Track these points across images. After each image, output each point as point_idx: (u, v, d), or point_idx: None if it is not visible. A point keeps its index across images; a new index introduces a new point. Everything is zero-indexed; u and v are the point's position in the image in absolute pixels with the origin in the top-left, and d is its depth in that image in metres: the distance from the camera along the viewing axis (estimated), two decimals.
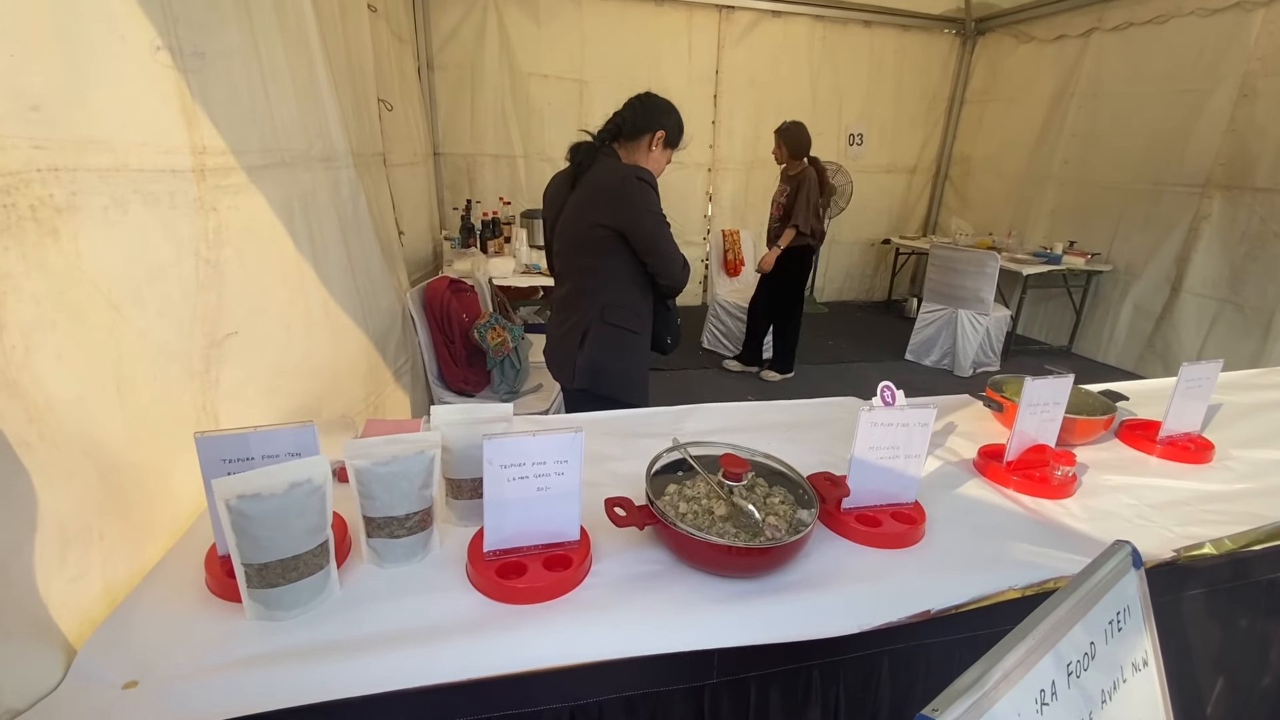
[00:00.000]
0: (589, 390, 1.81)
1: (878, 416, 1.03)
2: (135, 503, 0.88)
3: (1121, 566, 0.64)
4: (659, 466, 1.09)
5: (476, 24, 5.09)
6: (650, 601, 0.89)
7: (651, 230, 1.69)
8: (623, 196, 1.65)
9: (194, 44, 0.97)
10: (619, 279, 1.76)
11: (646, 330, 1.88)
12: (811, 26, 5.68)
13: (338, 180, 1.56)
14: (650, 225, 1.69)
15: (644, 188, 1.66)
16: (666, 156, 1.81)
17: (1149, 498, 1.29)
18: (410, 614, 0.84)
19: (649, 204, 1.67)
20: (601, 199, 1.67)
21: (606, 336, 1.79)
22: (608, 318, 1.78)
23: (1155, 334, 4.46)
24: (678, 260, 1.78)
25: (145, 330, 0.93)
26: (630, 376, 1.86)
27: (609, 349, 1.80)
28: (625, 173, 1.66)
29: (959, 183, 6.45)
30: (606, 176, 1.68)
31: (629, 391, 1.83)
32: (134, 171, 0.87)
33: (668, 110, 1.78)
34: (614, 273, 1.75)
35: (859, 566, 1.00)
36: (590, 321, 1.78)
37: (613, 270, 1.75)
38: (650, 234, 1.69)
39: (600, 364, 1.80)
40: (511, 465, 0.88)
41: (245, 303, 1.12)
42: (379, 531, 0.91)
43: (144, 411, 0.92)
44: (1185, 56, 4.25)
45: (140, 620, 0.81)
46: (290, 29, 1.37)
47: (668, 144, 1.79)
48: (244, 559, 0.78)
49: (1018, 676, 0.49)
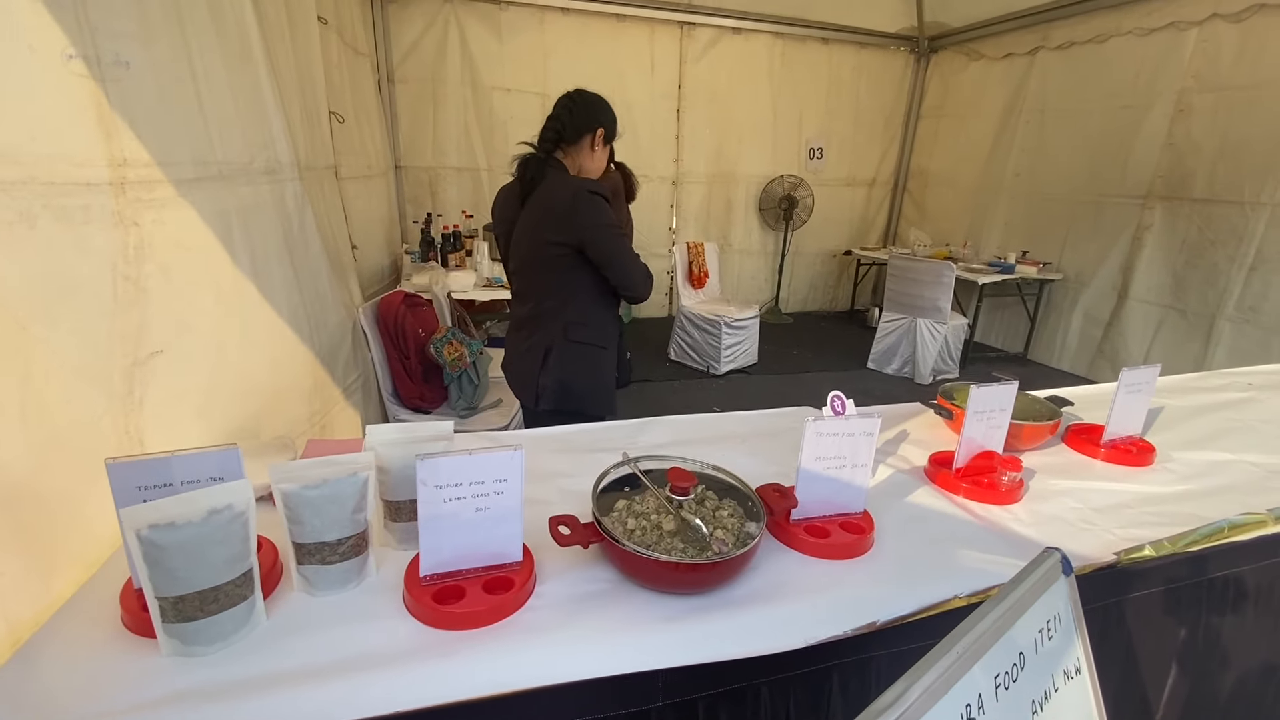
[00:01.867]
0: (556, 410, 1.78)
1: (823, 427, 1.03)
2: (41, 535, 0.83)
3: (1051, 574, 0.64)
4: (608, 482, 1.07)
5: (438, 38, 5.07)
6: (593, 623, 0.86)
7: (608, 244, 1.68)
8: (575, 213, 1.63)
9: (115, 53, 0.93)
10: (581, 295, 1.75)
11: (613, 344, 1.86)
12: (771, 43, 5.79)
13: (283, 194, 1.52)
14: (606, 239, 1.67)
15: (595, 201, 1.64)
16: (606, 153, 1.80)
17: (1093, 501, 1.31)
18: (342, 644, 0.80)
19: (602, 218, 1.66)
20: (554, 218, 1.65)
21: (572, 354, 1.77)
22: (572, 335, 1.76)
23: (1105, 340, 4.62)
24: (638, 270, 1.76)
25: (57, 349, 0.88)
26: (598, 392, 1.84)
27: (575, 367, 1.78)
28: (575, 187, 1.65)
29: (917, 195, 6.61)
30: (556, 194, 1.66)
31: (598, 405, 1.82)
32: (43, 184, 0.82)
33: (602, 107, 1.76)
34: (575, 289, 1.74)
35: (807, 578, 0.99)
36: (553, 340, 1.76)
37: (574, 287, 1.73)
38: (607, 248, 1.68)
39: (568, 383, 1.78)
40: (447, 485, 0.85)
41: (173, 320, 1.07)
42: (309, 558, 0.87)
43: (55, 436, 0.87)
44: (1124, 74, 4.44)
45: (47, 661, 0.75)
46: (230, 39, 1.33)
47: (606, 140, 1.77)
48: (157, 592, 0.74)
49: (942, 690, 0.49)
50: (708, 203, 6.13)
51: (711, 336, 4.47)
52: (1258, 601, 1.27)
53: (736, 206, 6.19)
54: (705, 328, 4.51)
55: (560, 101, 1.75)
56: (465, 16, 5.05)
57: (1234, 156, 3.82)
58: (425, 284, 2.91)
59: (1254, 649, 1.30)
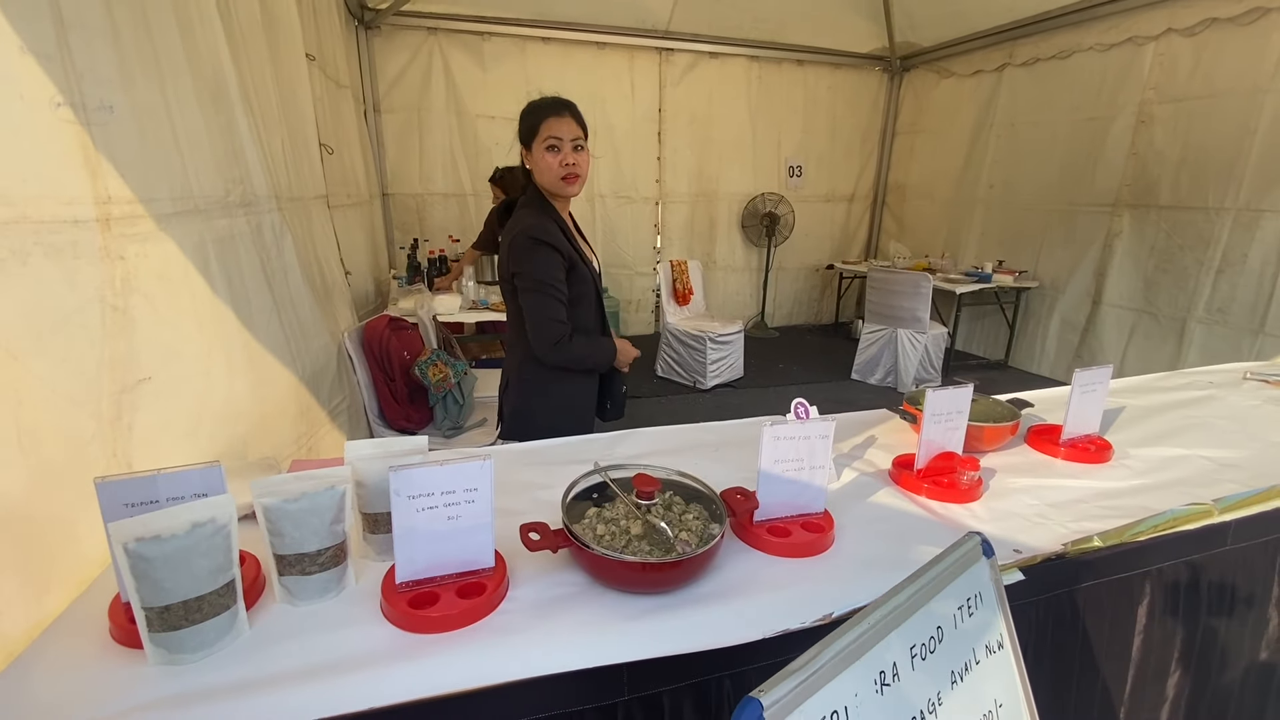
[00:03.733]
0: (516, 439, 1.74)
1: (780, 431, 1.09)
2: (34, 554, 0.87)
3: (971, 555, 0.70)
4: (579, 491, 1.12)
5: (422, 68, 5.19)
6: (562, 622, 0.91)
7: (524, 294, 1.63)
8: (509, 254, 1.62)
9: (100, 98, 1.00)
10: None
11: (585, 374, 1.83)
12: (747, 66, 5.95)
13: (260, 225, 1.58)
14: (523, 288, 1.62)
15: (527, 247, 1.60)
16: (540, 152, 1.61)
17: (1050, 497, 1.36)
18: (321, 650, 0.84)
19: (524, 266, 1.61)
20: (503, 254, 1.67)
21: (530, 385, 1.76)
22: (528, 367, 1.75)
23: (1081, 345, 4.71)
24: (544, 330, 1.63)
25: (48, 379, 0.93)
26: (565, 422, 1.72)
27: (534, 398, 1.77)
28: (516, 230, 1.61)
29: (896, 209, 6.76)
30: (508, 230, 1.65)
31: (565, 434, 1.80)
32: (34, 223, 0.88)
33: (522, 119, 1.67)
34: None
35: (769, 576, 1.04)
36: (511, 370, 1.79)
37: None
38: (524, 298, 1.63)
39: (526, 414, 1.78)
40: (420, 496, 0.90)
41: (159, 348, 1.12)
42: (290, 569, 0.92)
43: (47, 461, 0.92)
44: (1088, 87, 4.60)
45: (38, 674, 0.79)
46: (205, 80, 1.40)
47: (528, 143, 1.64)
48: (144, 603, 0.78)
49: (854, 657, 0.54)
50: (691, 221, 6.24)
51: (697, 352, 4.53)
52: (1208, 589, 1.33)
53: (719, 224, 6.31)
54: (690, 344, 4.58)
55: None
56: (449, 47, 5.18)
57: (1195, 164, 3.95)
58: (411, 308, 2.97)
59: (1204, 633, 1.35)
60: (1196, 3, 3.85)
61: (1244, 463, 1.52)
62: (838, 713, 0.51)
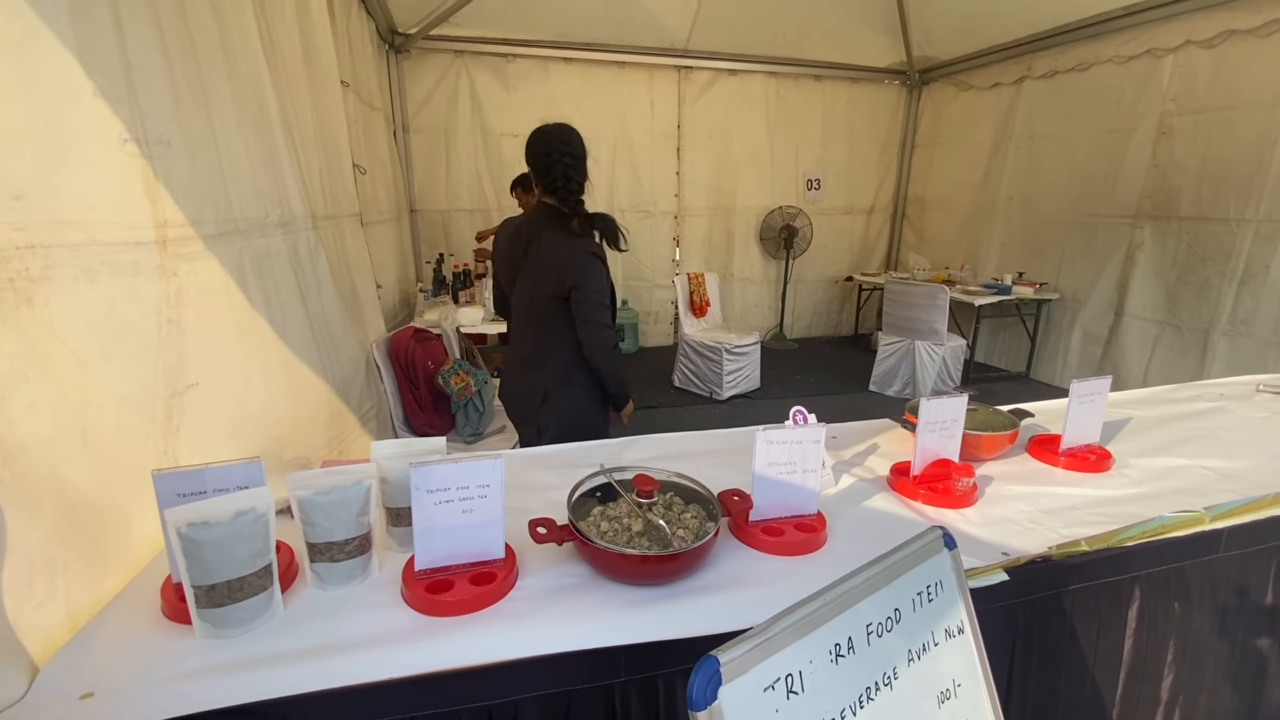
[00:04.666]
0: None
1: (773, 435, 1.16)
2: (97, 539, 0.98)
3: (932, 546, 0.76)
4: (585, 490, 1.20)
5: (449, 89, 5.38)
6: (566, 609, 0.99)
7: (585, 307, 1.78)
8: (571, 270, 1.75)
9: (160, 134, 1.12)
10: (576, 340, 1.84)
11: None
12: (765, 82, 6.04)
13: (296, 243, 1.71)
14: (585, 301, 1.77)
15: (592, 264, 1.77)
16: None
17: (1044, 504, 1.40)
18: (346, 629, 0.94)
19: (590, 282, 1.77)
20: (556, 273, 1.77)
21: (572, 394, 1.89)
22: (573, 378, 1.87)
23: (1104, 357, 4.67)
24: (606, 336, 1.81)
25: (110, 383, 1.04)
26: (597, 422, 1.97)
27: (578, 405, 1.90)
28: (578, 249, 1.77)
29: (916, 221, 6.76)
30: (559, 251, 1.77)
31: (597, 434, 1.93)
32: (102, 245, 1.00)
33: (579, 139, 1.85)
34: (572, 334, 1.82)
35: (761, 572, 1.11)
36: (551, 382, 1.87)
37: (570, 333, 1.82)
38: (584, 311, 1.78)
39: (571, 421, 1.89)
40: (437, 490, 0.99)
41: (205, 356, 1.24)
42: (320, 556, 1.01)
43: (108, 456, 1.03)
44: (1107, 99, 4.59)
45: (99, 642, 0.90)
46: (249, 111, 1.53)
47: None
48: (193, 581, 0.88)
49: (809, 628, 0.61)
50: (709, 235, 6.33)
51: (713, 363, 4.60)
52: (1201, 595, 1.35)
53: (737, 237, 6.38)
54: (707, 354, 4.64)
55: (546, 143, 1.83)
56: (475, 68, 5.37)
57: (1216, 175, 3.92)
58: (435, 319, 3.09)
59: (1198, 639, 1.37)
60: (1215, 15, 3.84)
61: (1245, 473, 1.53)
62: (792, 676, 0.58)
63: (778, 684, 0.56)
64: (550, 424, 1.89)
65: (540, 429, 1.90)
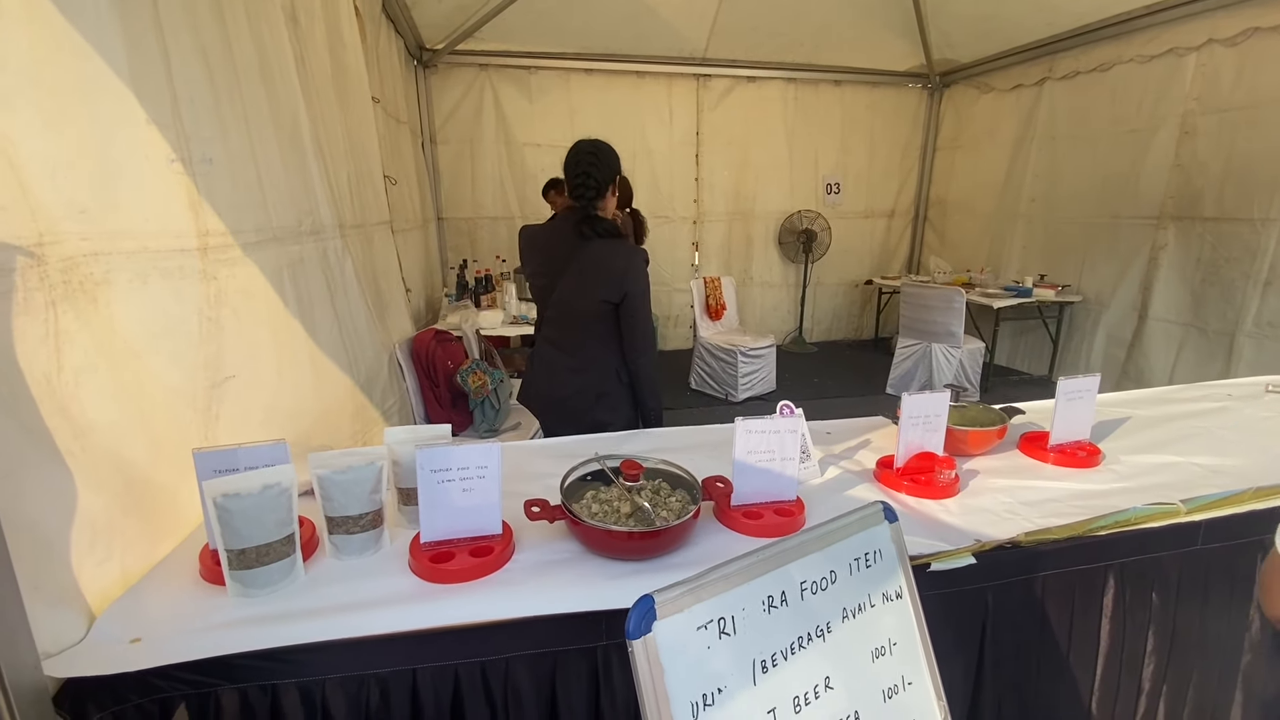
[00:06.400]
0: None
1: (752, 425, 1.24)
2: (149, 510, 1.12)
3: (872, 518, 0.84)
4: (579, 475, 1.30)
5: (475, 102, 5.58)
6: (556, 579, 1.09)
7: (640, 308, 1.88)
8: (627, 274, 1.83)
9: (203, 153, 1.26)
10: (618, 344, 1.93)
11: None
12: (784, 88, 6.10)
13: (325, 250, 1.85)
14: (640, 304, 1.87)
15: (644, 267, 1.87)
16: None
17: (1025, 496, 1.45)
18: (359, 592, 1.05)
19: (644, 283, 1.87)
20: (609, 277, 1.82)
21: (624, 393, 1.99)
22: (623, 378, 1.97)
23: (1128, 360, 4.60)
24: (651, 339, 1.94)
25: (159, 374, 1.18)
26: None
27: (627, 403, 2.00)
28: (630, 251, 1.86)
29: (938, 224, 6.73)
30: (614, 256, 1.84)
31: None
32: (152, 252, 1.14)
33: (616, 155, 1.90)
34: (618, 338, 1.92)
35: (738, 550, 1.17)
36: (606, 383, 1.95)
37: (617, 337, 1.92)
38: (638, 312, 1.88)
39: (630, 415, 2.00)
40: (440, 470, 1.10)
41: (241, 352, 1.37)
42: (337, 529, 1.13)
43: (161, 437, 1.17)
44: (1129, 100, 4.54)
45: (147, 598, 1.03)
46: (285, 128, 1.68)
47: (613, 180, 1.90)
48: (226, 545, 1.01)
49: (742, 579, 0.70)
50: (728, 239, 6.40)
51: (728, 365, 4.67)
52: (1180, 586, 1.39)
53: (756, 242, 6.44)
54: (722, 357, 4.71)
55: (584, 154, 1.85)
56: (499, 81, 5.55)
57: (1240, 175, 3.85)
58: (457, 322, 3.24)
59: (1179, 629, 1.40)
60: (1238, 13, 3.79)
61: (1235, 470, 1.55)
62: (725, 619, 0.67)
63: (710, 625, 0.65)
64: (612, 419, 1.94)
65: (596, 424, 1.90)
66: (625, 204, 4.19)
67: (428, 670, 0.99)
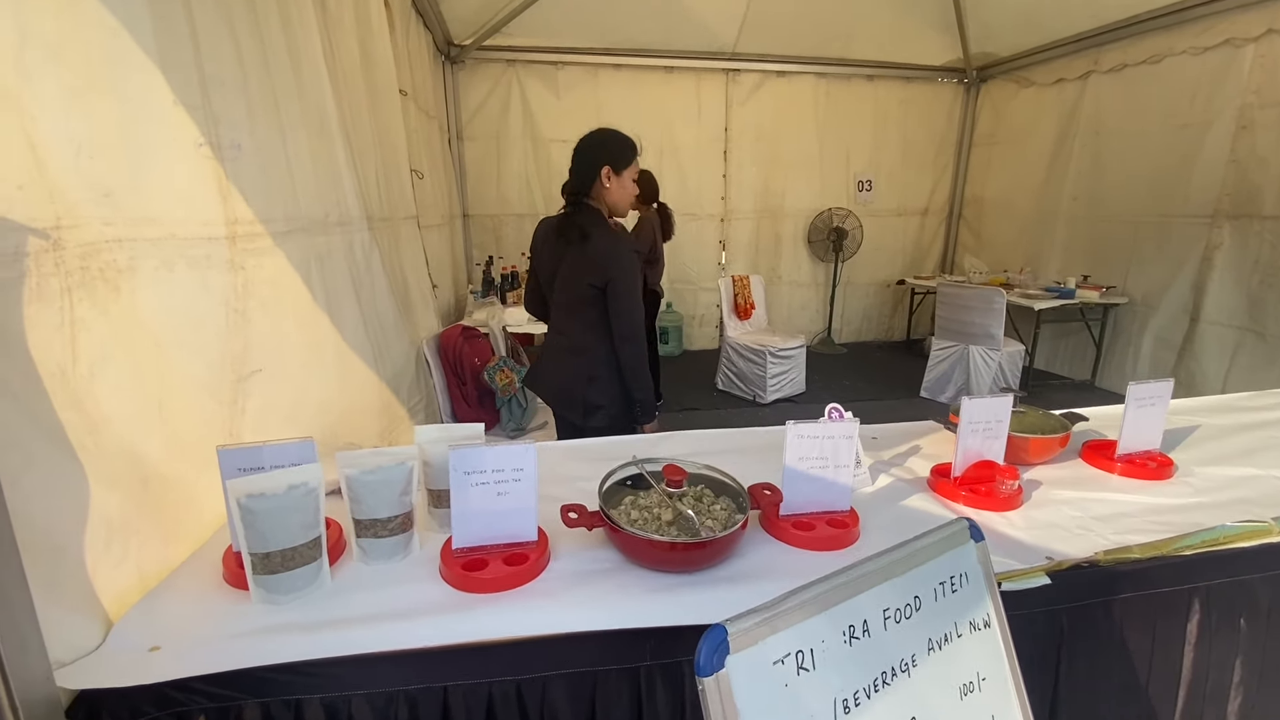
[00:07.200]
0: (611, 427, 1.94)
1: (803, 430, 1.16)
2: (167, 508, 1.07)
3: (957, 538, 0.75)
4: (617, 480, 1.23)
5: (502, 98, 5.54)
6: (595, 591, 1.01)
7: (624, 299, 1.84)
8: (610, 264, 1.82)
9: (232, 138, 1.21)
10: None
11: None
12: (815, 83, 5.97)
13: (352, 242, 1.81)
14: (624, 294, 1.84)
15: (628, 254, 1.85)
16: (628, 178, 1.89)
17: (1096, 510, 1.35)
18: (388, 600, 0.99)
19: (627, 271, 1.84)
20: (595, 266, 1.84)
21: (616, 377, 1.93)
22: (615, 364, 1.92)
23: (1179, 365, 4.40)
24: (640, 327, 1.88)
25: (183, 366, 1.13)
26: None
27: (618, 387, 1.94)
28: (610, 240, 1.85)
29: (973, 222, 6.53)
30: (599, 248, 1.84)
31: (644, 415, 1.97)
32: (179, 240, 1.09)
33: (601, 143, 1.89)
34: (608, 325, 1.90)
35: (789, 564, 1.10)
36: (597, 367, 1.92)
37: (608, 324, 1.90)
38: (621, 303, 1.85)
39: (623, 402, 1.94)
40: (474, 472, 1.03)
41: (268, 345, 1.32)
42: (365, 532, 1.07)
43: (180, 432, 1.12)
44: (1181, 93, 4.34)
45: (166, 602, 0.97)
46: (313, 117, 1.64)
47: (618, 169, 1.87)
48: (250, 549, 0.95)
49: (821, 607, 0.61)
50: (756, 237, 6.28)
51: (757, 366, 4.56)
52: (1272, 614, 1.27)
53: (785, 240, 6.32)
54: (751, 358, 4.61)
55: (574, 152, 1.91)
56: (526, 77, 5.51)
57: None
58: (483, 319, 3.19)
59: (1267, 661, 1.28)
60: None
61: None
62: (802, 653, 0.59)
63: (788, 659, 0.57)
64: (604, 402, 1.93)
65: (588, 407, 1.94)
66: (651, 199, 4.12)
67: (460, 688, 0.92)
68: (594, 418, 1.95)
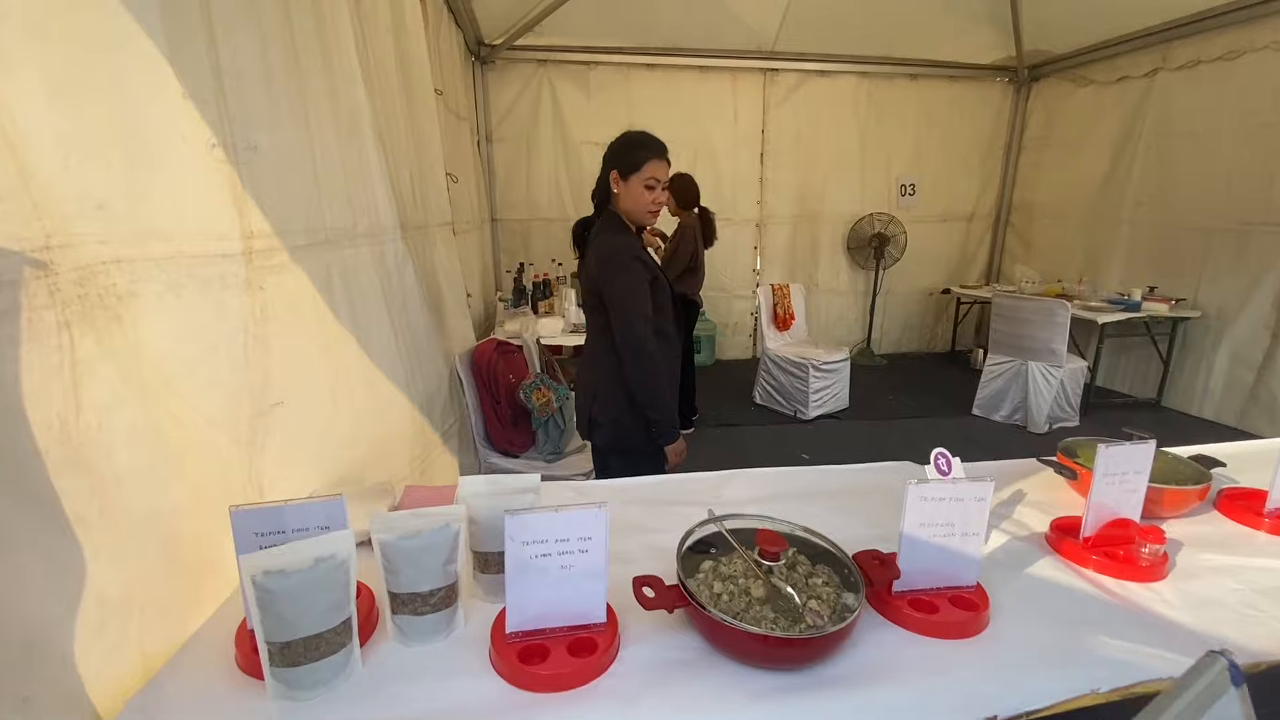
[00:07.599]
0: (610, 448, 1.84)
1: (928, 491, 0.96)
2: (183, 574, 0.91)
3: (1218, 685, 0.55)
4: (692, 541, 1.04)
5: (532, 99, 5.39)
6: (678, 694, 0.83)
7: (616, 307, 1.71)
8: (601, 272, 1.71)
9: (247, 139, 1.05)
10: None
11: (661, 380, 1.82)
12: (857, 83, 5.73)
13: (383, 253, 1.65)
14: (615, 302, 1.71)
15: (622, 265, 1.70)
16: (639, 184, 1.74)
17: (1257, 581, 1.13)
18: (429, 697, 0.82)
19: (616, 285, 1.70)
20: (594, 272, 1.73)
21: (620, 392, 1.76)
22: (619, 376, 1.75)
23: (1259, 385, 4.07)
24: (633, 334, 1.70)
25: (196, 403, 0.97)
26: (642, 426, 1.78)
27: (624, 405, 1.76)
28: (610, 251, 1.71)
29: (1022, 229, 6.22)
30: (598, 252, 1.74)
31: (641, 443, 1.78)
32: (189, 258, 0.93)
33: (611, 146, 1.80)
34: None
35: (912, 659, 0.90)
36: (601, 380, 1.79)
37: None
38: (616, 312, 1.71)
39: (620, 420, 1.77)
40: (534, 542, 0.85)
41: (290, 373, 1.16)
42: (403, 608, 0.90)
43: (197, 482, 0.96)
44: (1263, 91, 4.02)
45: (168, 694, 0.81)
46: (344, 119, 1.48)
47: (626, 174, 1.74)
48: (268, 637, 0.78)
49: None
50: (792, 243, 6.05)
51: (799, 380, 4.33)
52: None
53: (822, 246, 6.07)
54: (792, 371, 4.38)
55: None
56: (557, 77, 5.36)
57: None
58: (516, 330, 3.03)
59: None
60: None
61: None
62: None
63: None
64: (605, 420, 1.81)
65: (592, 424, 1.83)
66: (691, 204, 3.92)
67: None
68: (597, 435, 1.84)
